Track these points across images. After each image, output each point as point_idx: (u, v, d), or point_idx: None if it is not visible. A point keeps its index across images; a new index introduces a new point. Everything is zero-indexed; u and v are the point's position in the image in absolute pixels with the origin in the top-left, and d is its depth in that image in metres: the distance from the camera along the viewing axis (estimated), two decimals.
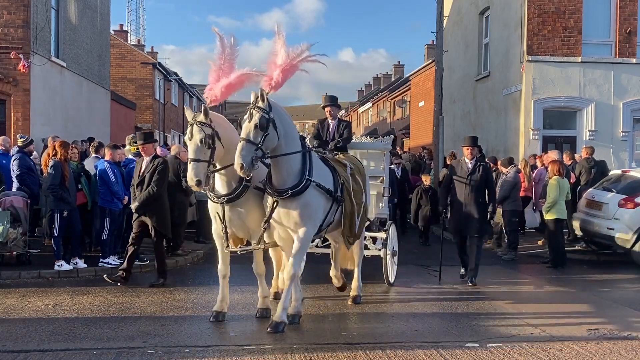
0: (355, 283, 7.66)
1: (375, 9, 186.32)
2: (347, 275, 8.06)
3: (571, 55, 15.72)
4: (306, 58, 6.25)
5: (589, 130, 15.85)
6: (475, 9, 19.68)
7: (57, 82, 16.51)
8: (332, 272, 7.85)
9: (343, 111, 64.08)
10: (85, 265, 9.15)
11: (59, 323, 6.43)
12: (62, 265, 8.95)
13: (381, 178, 9.20)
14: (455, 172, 8.94)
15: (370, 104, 48.92)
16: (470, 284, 8.75)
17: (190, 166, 5.85)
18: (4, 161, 10.84)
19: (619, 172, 12.23)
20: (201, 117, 5.94)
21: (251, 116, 5.70)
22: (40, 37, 15.05)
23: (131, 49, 32.43)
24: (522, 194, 12.08)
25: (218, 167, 6.10)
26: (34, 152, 11.60)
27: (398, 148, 30.25)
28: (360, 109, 53.70)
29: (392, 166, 13.59)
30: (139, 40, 40.96)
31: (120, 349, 5.48)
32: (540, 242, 12.37)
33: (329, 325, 6.54)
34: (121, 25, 36.61)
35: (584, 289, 8.92)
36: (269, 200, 6.12)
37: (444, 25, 19.44)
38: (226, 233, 6.38)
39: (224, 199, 6.18)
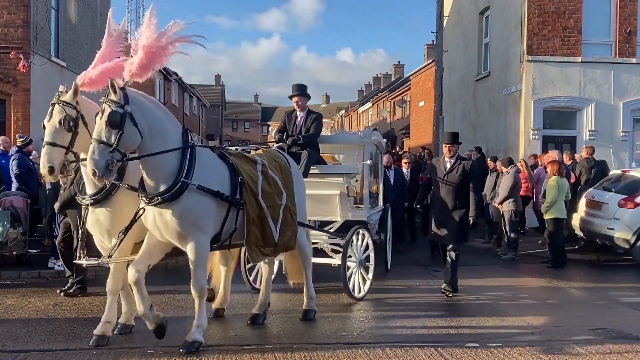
0: (305, 298, 6.81)
1: (374, 9, 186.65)
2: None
3: (571, 55, 15.72)
4: (180, 39, 5.27)
5: (589, 130, 15.85)
6: (475, 9, 19.67)
7: (57, 82, 16.36)
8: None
9: (343, 111, 64.14)
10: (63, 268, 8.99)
11: (59, 323, 6.43)
12: (61, 265, 8.94)
13: (357, 176, 8.08)
14: (435, 172, 8.20)
15: (370, 104, 48.97)
16: (449, 296, 7.97)
17: (43, 150, 5.07)
18: (2, 161, 10.85)
19: (619, 172, 12.23)
20: (66, 97, 5.19)
21: (102, 112, 4.84)
22: (40, 37, 15.05)
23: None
24: (522, 193, 12.09)
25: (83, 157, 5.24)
26: (34, 152, 11.61)
27: (398, 148, 30.31)
28: (360, 109, 53.73)
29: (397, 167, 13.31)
30: None
31: (120, 349, 5.47)
32: (542, 242, 12.37)
33: (329, 325, 6.53)
34: None
35: (584, 289, 8.92)
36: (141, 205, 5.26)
37: (444, 25, 19.48)
38: (82, 241, 5.65)
39: (89, 199, 5.43)
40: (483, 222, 13.61)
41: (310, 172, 7.64)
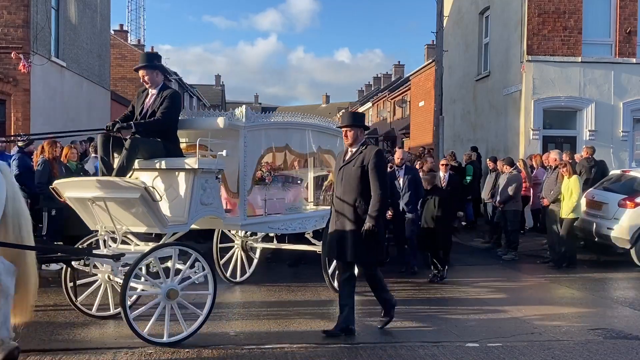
0: None
1: (371, 9, 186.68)
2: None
3: (571, 55, 15.71)
4: None
5: (589, 130, 15.84)
6: (475, 9, 19.68)
7: (57, 82, 16.51)
8: None
9: (343, 111, 64.07)
10: (58, 267, 8.90)
11: (59, 323, 6.42)
12: (49, 266, 8.84)
13: (216, 171, 5.97)
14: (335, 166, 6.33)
15: (371, 104, 49.03)
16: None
17: None
18: (2, 161, 10.81)
19: (619, 172, 12.23)
20: None
21: None
22: (40, 37, 15.05)
23: (131, 49, 32.43)
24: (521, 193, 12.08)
25: None
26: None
27: (397, 147, 30.30)
28: (361, 109, 53.73)
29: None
30: (139, 40, 41.01)
31: (120, 349, 5.47)
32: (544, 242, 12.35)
33: (329, 325, 6.52)
34: (121, 25, 36.64)
35: (584, 288, 8.92)
36: None
37: (444, 25, 19.48)
38: None
39: None
40: (483, 222, 13.64)
41: (152, 168, 5.90)
